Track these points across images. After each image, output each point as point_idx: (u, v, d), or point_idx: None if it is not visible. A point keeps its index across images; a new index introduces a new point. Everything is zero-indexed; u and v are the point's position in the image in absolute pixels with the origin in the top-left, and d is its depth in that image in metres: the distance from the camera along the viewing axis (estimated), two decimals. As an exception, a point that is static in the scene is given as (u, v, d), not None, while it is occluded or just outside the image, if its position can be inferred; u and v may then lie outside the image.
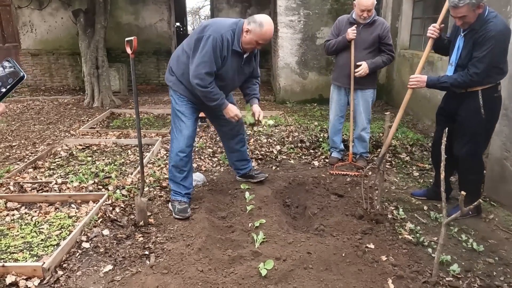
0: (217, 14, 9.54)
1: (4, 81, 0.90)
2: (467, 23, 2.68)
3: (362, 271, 2.29)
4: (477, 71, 2.63)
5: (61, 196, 3.28)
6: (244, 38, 2.80)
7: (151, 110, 6.88)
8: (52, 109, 7.19)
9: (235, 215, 3.02)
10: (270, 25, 2.76)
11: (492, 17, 2.61)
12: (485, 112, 2.75)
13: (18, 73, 0.89)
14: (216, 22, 2.89)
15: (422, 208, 3.18)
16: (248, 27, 2.76)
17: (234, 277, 2.22)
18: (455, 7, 2.59)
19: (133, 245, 2.62)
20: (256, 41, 2.79)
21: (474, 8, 2.57)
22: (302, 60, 7.30)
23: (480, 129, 2.82)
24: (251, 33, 2.76)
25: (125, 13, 9.16)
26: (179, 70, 3.00)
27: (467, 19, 2.63)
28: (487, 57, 2.59)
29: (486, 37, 2.58)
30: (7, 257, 2.50)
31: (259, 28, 2.72)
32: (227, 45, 2.78)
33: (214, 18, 3.02)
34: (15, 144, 5.02)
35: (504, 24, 2.61)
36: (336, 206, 3.09)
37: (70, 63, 9.26)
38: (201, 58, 2.76)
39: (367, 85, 3.93)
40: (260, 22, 2.73)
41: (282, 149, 4.57)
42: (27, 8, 8.89)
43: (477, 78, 2.65)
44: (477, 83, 2.70)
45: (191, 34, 2.98)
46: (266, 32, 2.75)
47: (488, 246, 2.65)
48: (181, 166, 3.06)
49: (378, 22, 3.81)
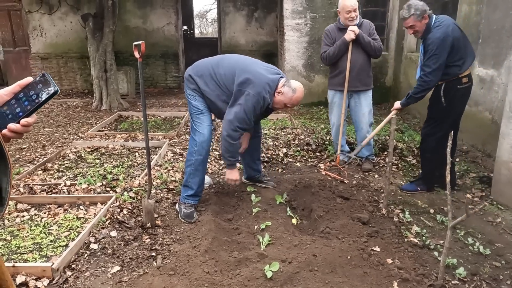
0: (224, 18, 9.60)
1: (39, 94, 0.93)
2: (417, 32, 3.12)
3: (367, 274, 2.29)
4: (424, 73, 3.08)
5: (70, 198, 3.33)
6: (275, 98, 2.92)
7: (159, 113, 6.93)
8: (61, 112, 7.28)
9: (241, 217, 3.04)
10: (301, 93, 2.90)
11: (434, 27, 3.01)
12: (445, 100, 3.17)
13: (53, 87, 0.93)
14: (256, 77, 2.86)
15: (428, 211, 3.17)
16: (282, 89, 2.88)
17: (240, 279, 2.23)
18: (403, 19, 3.06)
19: (140, 246, 2.65)
20: (284, 104, 2.92)
21: (420, 18, 2.99)
22: (308, 63, 7.31)
23: (440, 115, 3.25)
24: (283, 95, 2.88)
25: (133, 16, 9.25)
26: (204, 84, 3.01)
27: (416, 28, 3.07)
28: (431, 61, 3.01)
29: (427, 44, 3.03)
30: (17, 257, 2.54)
31: (292, 93, 2.86)
32: (262, 104, 2.90)
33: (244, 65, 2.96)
34: (25, 146, 5.10)
35: (443, 32, 2.98)
36: (342, 209, 3.10)
37: (79, 66, 9.37)
38: (242, 114, 2.84)
39: (369, 84, 3.99)
40: (294, 88, 2.86)
41: (288, 151, 4.58)
42: (37, 13, 9.02)
43: (426, 78, 3.07)
44: (431, 82, 3.08)
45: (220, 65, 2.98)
46: (297, 99, 2.90)
47: (494, 250, 2.63)
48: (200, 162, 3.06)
49: (365, 23, 3.90)
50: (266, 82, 2.87)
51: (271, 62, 2.87)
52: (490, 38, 4.29)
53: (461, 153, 4.53)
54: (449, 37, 2.97)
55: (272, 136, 5.16)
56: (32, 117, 0.94)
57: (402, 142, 4.81)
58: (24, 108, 0.93)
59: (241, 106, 2.84)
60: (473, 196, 3.43)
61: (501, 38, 4.10)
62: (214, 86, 2.99)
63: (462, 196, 3.42)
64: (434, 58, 3.00)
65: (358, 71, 3.89)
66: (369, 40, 3.80)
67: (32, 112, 0.94)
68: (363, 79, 3.91)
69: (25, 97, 0.93)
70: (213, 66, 3.02)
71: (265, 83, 2.86)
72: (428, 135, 3.38)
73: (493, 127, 4.23)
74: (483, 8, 4.41)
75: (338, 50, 3.89)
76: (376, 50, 3.85)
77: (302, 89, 2.92)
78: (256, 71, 2.91)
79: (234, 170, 3.13)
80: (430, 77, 3.06)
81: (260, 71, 2.92)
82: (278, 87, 2.89)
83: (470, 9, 4.68)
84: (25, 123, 0.92)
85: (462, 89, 3.18)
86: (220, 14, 9.79)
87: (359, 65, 3.88)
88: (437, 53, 2.98)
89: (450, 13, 5.54)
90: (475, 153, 4.47)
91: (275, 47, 9.47)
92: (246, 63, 3.01)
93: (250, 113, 2.85)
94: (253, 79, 2.85)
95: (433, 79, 3.07)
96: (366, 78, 3.93)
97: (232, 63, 3.00)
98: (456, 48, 3.05)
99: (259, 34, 9.71)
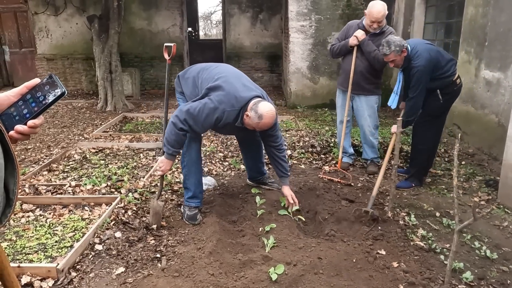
0: (229, 20, 9.62)
1: (46, 95, 0.93)
2: (398, 65, 3.45)
3: (373, 277, 2.27)
4: (413, 95, 3.38)
5: (75, 199, 3.34)
6: (244, 120, 2.81)
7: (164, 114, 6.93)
8: (66, 113, 7.32)
9: (245, 219, 3.03)
10: (268, 119, 2.73)
11: (414, 55, 3.33)
12: (443, 99, 3.47)
13: (60, 89, 0.93)
14: (227, 88, 2.79)
15: (434, 215, 3.15)
16: (249, 113, 2.74)
17: (245, 281, 2.22)
18: (384, 55, 3.38)
19: (145, 247, 2.65)
20: (253, 127, 2.82)
21: (399, 53, 3.31)
22: (313, 65, 7.30)
23: (437, 112, 3.53)
24: (250, 119, 2.75)
25: (138, 18, 9.29)
26: (185, 86, 3.08)
27: (396, 61, 3.39)
28: (417, 86, 3.33)
29: (413, 71, 3.33)
30: (22, 257, 2.55)
31: (258, 120, 2.72)
32: (229, 119, 2.79)
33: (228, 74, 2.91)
34: (30, 147, 5.12)
35: (425, 59, 3.29)
36: (347, 211, 3.08)
37: (84, 67, 9.42)
38: (195, 111, 2.74)
39: (371, 92, 3.91)
40: (260, 114, 2.70)
41: (292, 154, 4.57)
42: (43, 14, 9.07)
43: (415, 99, 3.39)
44: (419, 103, 3.41)
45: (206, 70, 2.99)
46: (264, 125, 2.76)
47: (502, 254, 2.61)
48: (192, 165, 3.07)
49: (386, 32, 3.76)
50: (234, 96, 2.76)
51: (276, 64, 2.84)
52: (497, 40, 4.26)
53: (467, 156, 4.50)
54: (431, 61, 3.32)
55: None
56: (39, 119, 0.93)
57: (408, 144, 4.78)
58: (31, 110, 0.92)
59: (199, 104, 2.76)
60: (479, 199, 3.40)
61: (508, 41, 4.08)
62: (193, 88, 2.96)
63: (468, 199, 3.39)
64: (419, 83, 3.33)
65: (359, 76, 3.84)
66: (372, 50, 3.70)
67: (39, 113, 0.93)
68: (364, 86, 3.85)
69: (32, 98, 0.93)
70: (200, 70, 3.01)
71: (232, 97, 2.75)
72: (424, 130, 3.59)
73: (499, 130, 4.20)
74: (490, 10, 4.38)
75: (340, 50, 3.91)
76: (376, 61, 3.71)
77: (271, 115, 2.73)
78: (232, 84, 2.81)
79: (168, 161, 2.90)
80: (417, 99, 3.39)
81: (236, 86, 2.81)
82: (247, 109, 2.76)
83: (476, 11, 4.65)
84: (32, 124, 0.91)
85: (457, 89, 3.53)
86: (225, 16, 9.81)
87: (360, 71, 3.82)
88: (421, 78, 3.31)
89: (456, 15, 5.51)
90: (481, 156, 4.44)
91: (280, 49, 9.47)
92: (231, 74, 2.93)
93: (201, 116, 2.73)
94: (224, 88, 2.77)
95: (419, 100, 3.40)
96: (367, 85, 3.86)
97: (219, 71, 2.94)
98: (440, 63, 3.38)
99: (264, 36, 9.72)
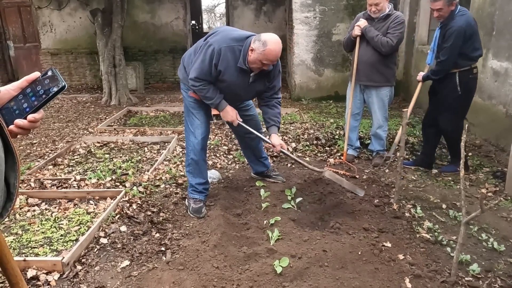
0: (232, 12, 9.54)
1: (46, 89, 0.92)
2: (441, 16, 3.31)
3: (378, 270, 2.26)
4: (443, 59, 3.33)
5: (80, 193, 3.35)
6: (249, 57, 2.68)
7: (168, 108, 6.93)
8: (71, 107, 7.33)
9: (250, 212, 3.03)
10: (274, 45, 2.59)
11: (458, 15, 3.23)
12: (461, 89, 3.41)
13: (60, 83, 0.91)
14: (224, 31, 2.83)
15: (440, 207, 3.12)
16: (253, 45, 2.63)
17: (249, 274, 2.22)
18: (433, 0, 3.24)
19: (150, 241, 2.65)
20: (260, 61, 2.65)
21: (449, 4, 3.20)
22: (317, 57, 7.24)
23: (456, 103, 3.48)
24: (255, 51, 2.63)
25: (141, 12, 9.25)
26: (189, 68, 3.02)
27: (442, 12, 3.26)
28: (449, 48, 3.26)
29: (449, 32, 3.25)
30: (28, 251, 2.57)
31: (263, 47, 2.58)
32: (226, 59, 2.70)
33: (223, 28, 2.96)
34: (35, 141, 5.14)
35: (466, 21, 3.20)
36: (352, 204, 3.06)
37: (88, 62, 9.41)
38: (198, 64, 2.75)
39: (382, 83, 3.84)
40: (264, 41, 2.58)
41: (297, 146, 4.55)
42: (46, 9, 9.06)
43: (444, 64, 3.34)
44: (447, 67, 3.35)
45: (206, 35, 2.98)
46: (270, 52, 2.59)
47: (509, 246, 2.58)
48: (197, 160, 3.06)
49: (392, 17, 3.68)
50: (237, 39, 2.73)
51: (280, 56, 2.78)
52: (505, 29, 4.18)
53: (474, 147, 4.45)
54: (469, 27, 3.21)
55: (281, 130, 5.12)
56: (39, 113, 0.92)
57: (414, 136, 4.74)
58: (31, 104, 0.91)
59: (198, 56, 2.76)
60: (486, 191, 3.37)
61: (516, 30, 4.00)
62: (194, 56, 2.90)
63: (475, 191, 3.35)
64: (452, 45, 3.24)
65: (365, 66, 3.79)
66: (374, 35, 3.64)
67: (39, 107, 0.92)
68: (371, 75, 3.80)
69: (32, 92, 0.92)
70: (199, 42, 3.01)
71: (234, 39, 2.73)
72: (449, 121, 3.55)
73: (507, 121, 4.14)
74: (498, -1, 4.29)
75: (347, 43, 3.94)
76: (381, 46, 3.62)
77: (276, 40, 2.60)
78: (227, 29, 2.87)
79: (225, 110, 2.91)
80: (447, 61, 3.32)
81: (231, 31, 2.85)
82: (250, 43, 2.67)
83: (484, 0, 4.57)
84: (32, 119, 0.90)
85: (473, 78, 3.46)
86: (229, 8, 9.74)
87: (368, 61, 3.77)
88: (455, 40, 3.21)
89: (463, 3, 5.42)
90: (488, 148, 4.39)
91: (284, 41, 9.37)
92: (226, 27, 3.00)
93: (205, 65, 2.71)
94: (221, 32, 2.80)
95: (446, 65, 3.35)
96: (375, 74, 3.79)
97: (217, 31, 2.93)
98: (474, 39, 3.28)
99: (268, 28, 9.63)
